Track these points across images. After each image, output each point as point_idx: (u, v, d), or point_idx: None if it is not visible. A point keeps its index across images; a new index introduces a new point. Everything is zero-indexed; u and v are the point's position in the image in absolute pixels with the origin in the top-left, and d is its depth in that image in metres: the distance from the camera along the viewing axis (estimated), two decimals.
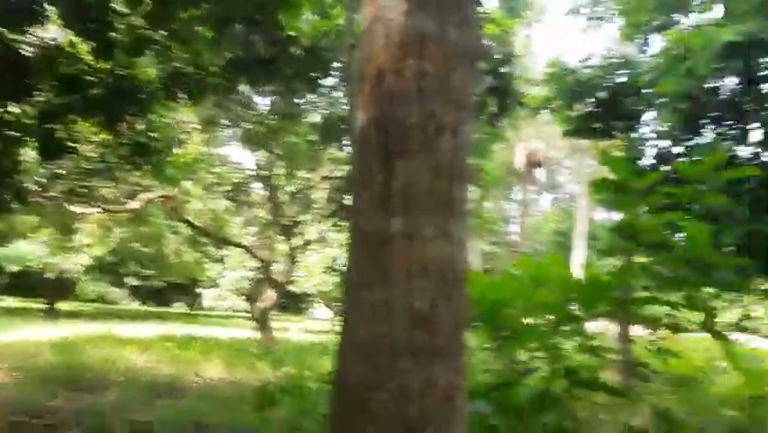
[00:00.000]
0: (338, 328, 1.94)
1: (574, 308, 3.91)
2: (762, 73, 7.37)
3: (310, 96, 9.77)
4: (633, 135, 9.30)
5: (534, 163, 32.28)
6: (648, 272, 4.40)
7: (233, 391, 6.79)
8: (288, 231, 14.45)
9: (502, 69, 4.77)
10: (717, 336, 3.21)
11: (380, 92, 1.90)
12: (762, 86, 7.89)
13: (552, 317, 3.92)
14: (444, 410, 1.75)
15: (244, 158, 14.81)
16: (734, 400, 5.70)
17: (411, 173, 1.82)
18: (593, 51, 9.41)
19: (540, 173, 38.36)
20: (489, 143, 13.04)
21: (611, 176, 3.83)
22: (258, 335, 13.38)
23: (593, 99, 8.52)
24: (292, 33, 5.34)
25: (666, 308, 3.98)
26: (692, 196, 3.72)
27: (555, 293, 3.87)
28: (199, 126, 11.63)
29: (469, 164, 1.97)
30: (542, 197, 44.67)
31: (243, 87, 7.63)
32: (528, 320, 4.08)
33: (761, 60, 6.77)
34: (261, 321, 13.41)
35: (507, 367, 3.75)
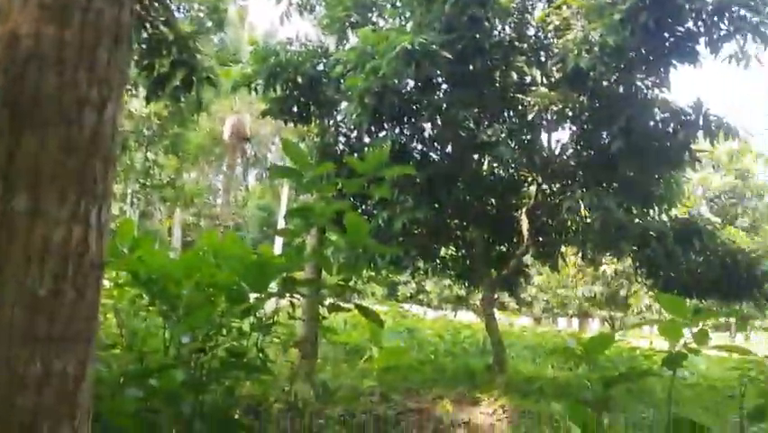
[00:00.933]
0: None
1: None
2: (433, 80, 8.44)
3: None
4: (329, 123, 9.88)
5: (241, 137, 32.27)
6: (317, 254, 4.73)
7: None
8: None
9: (190, 43, 4.62)
10: (366, 313, 3.57)
11: (14, 56, 1.70)
12: (436, 91, 9.03)
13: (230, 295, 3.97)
14: (65, 403, 1.65)
15: None
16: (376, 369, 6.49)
17: (41, 147, 1.66)
18: (297, 35, 9.74)
19: (248, 147, 38.54)
20: (191, 114, 12.68)
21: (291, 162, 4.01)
22: None
23: (292, 83, 8.81)
24: None
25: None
26: (359, 187, 4.08)
27: (233, 272, 3.92)
28: None
29: (115, 143, 1.87)
30: (249, 171, 45.05)
31: None
32: (207, 299, 4.06)
33: (432, 69, 7.73)
34: None
35: (175, 348, 3.69)
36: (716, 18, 7.22)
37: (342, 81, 8.46)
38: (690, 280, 9.07)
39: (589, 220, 8.83)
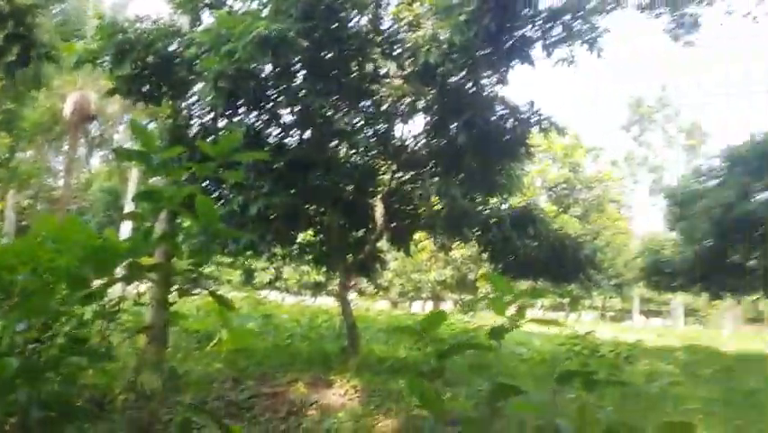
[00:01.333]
0: None
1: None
2: (290, 67, 8.46)
3: None
4: (181, 104, 9.56)
5: (85, 115, 30.04)
6: (166, 239, 4.66)
7: None
8: None
9: (28, 18, 4.29)
10: (218, 299, 3.59)
11: None
12: (294, 78, 9.05)
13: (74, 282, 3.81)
14: None
15: None
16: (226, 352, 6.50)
17: None
18: (148, 12, 9.29)
19: (93, 126, 36.07)
20: (28, 89, 11.70)
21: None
22: None
23: (142, 62, 8.42)
24: None
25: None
26: (212, 171, 4.07)
27: (75, 257, 3.76)
28: None
29: None
30: (94, 152, 42.06)
31: None
32: (45, 286, 3.86)
33: (290, 56, 7.76)
34: None
35: (9, 338, 3.50)
36: (549, 25, 7.91)
37: (195, 63, 8.22)
38: (526, 263, 9.90)
39: (438, 207, 9.34)
